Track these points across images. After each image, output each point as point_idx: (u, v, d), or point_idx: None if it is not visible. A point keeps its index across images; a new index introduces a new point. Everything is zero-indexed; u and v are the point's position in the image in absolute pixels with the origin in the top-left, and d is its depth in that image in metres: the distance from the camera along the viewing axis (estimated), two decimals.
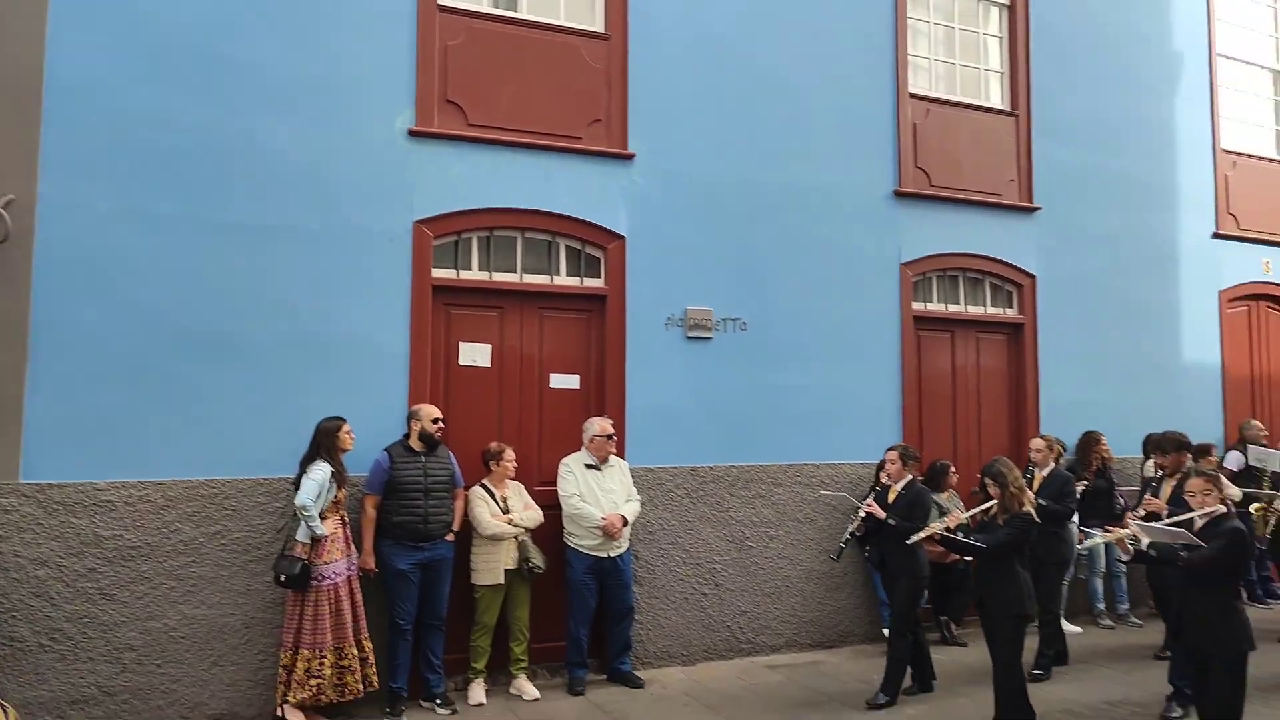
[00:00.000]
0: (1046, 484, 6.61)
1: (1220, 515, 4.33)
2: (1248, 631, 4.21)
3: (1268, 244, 9.43)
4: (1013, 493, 5.13)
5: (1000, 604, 5.06)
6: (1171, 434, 6.25)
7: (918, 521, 5.64)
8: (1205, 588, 4.26)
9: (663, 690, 5.99)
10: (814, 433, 7.13)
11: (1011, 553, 5.09)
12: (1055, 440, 7.02)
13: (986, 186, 7.99)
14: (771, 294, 7.06)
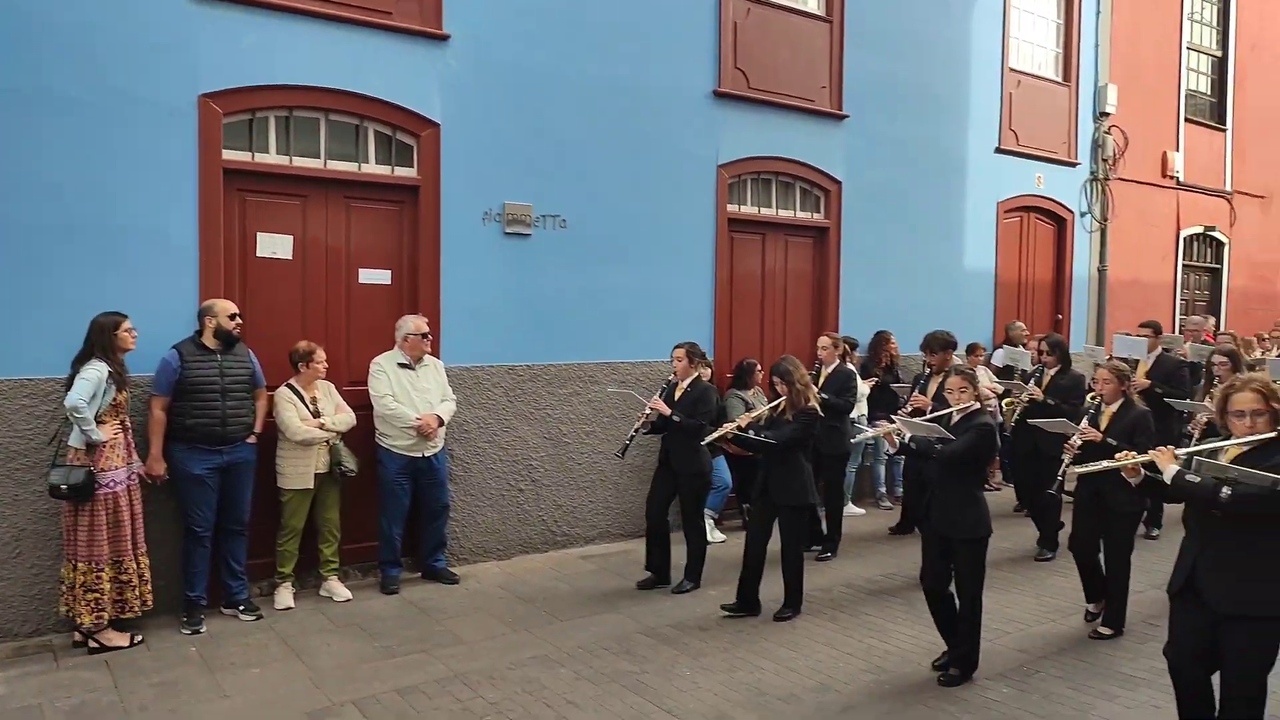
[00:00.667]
0: (830, 380, 6.93)
1: (974, 411, 4.60)
2: (987, 519, 4.52)
3: (1041, 160, 10.29)
4: (799, 390, 5.35)
5: (785, 495, 5.34)
6: (939, 334, 6.65)
7: (702, 419, 5.79)
8: (954, 477, 4.53)
9: (478, 585, 6.07)
10: (630, 331, 7.23)
11: (798, 447, 5.36)
12: (841, 338, 7.33)
13: (801, 92, 8.18)
14: (592, 191, 6.97)
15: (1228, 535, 3.30)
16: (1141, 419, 5.12)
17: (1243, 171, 12.85)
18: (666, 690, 4.40)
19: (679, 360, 6.00)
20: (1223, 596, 3.26)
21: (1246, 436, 3.33)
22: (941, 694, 4.37)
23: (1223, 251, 12.80)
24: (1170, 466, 3.39)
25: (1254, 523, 3.25)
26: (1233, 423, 3.38)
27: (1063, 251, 10.71)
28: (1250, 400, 3.33)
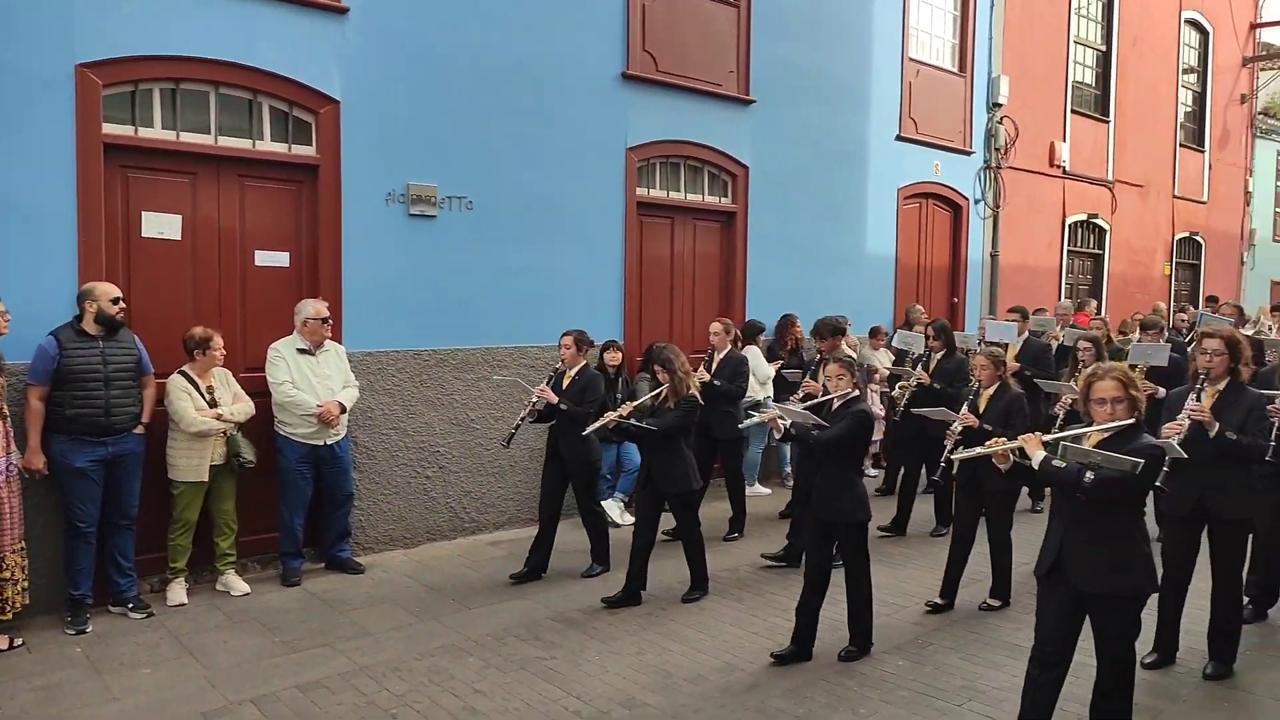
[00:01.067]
0: (723, 365, 6.94)
1: (852, 398, 4.69)
2: (865, 502, 4.63)
3: (938, 148, 10.62)
4: (680, 377, 5.33)
5: (668, 482, 5.35)
6: (828, 319, 6.70)
7: (589, 407, 5.75)
8: (833, 463, 4.61)
9: (384, 574, 5.97)
10: (539, 315, 7.17)
11: (680, 434, 5.36)
12: (732, 324, 7.34)
13: (709, 76, 8.22)
14: (499, 173, 6.87)
15: (1091, 518, 3.41)
16: (1016, 402, 5.29)
17: (1123, 161, 13.56)
18: (575, 675, 4.42)
19: (567, 348, 5.93)
20: (1089, 578, 3.38)
21: (1108, 423, 3.44)
22: (842, 669, 4.52)
23: (1104, 238, 13.49)
24: (1038, 452, 3.48)
25: (1116, 506, 3.38)
26: (1095, 410, 3.49)
27: (959, 237, 11.11)
28: (1111, 388, 3.44)
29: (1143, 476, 3.24)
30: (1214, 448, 4.25)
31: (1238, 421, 4.29)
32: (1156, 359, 6.57)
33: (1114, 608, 3.39)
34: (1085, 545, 3.41)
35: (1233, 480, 4.32)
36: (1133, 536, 3.39)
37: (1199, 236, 15.52)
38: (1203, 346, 4.48)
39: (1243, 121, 16.43)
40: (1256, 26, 16.59)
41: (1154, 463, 3.33)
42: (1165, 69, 14.37)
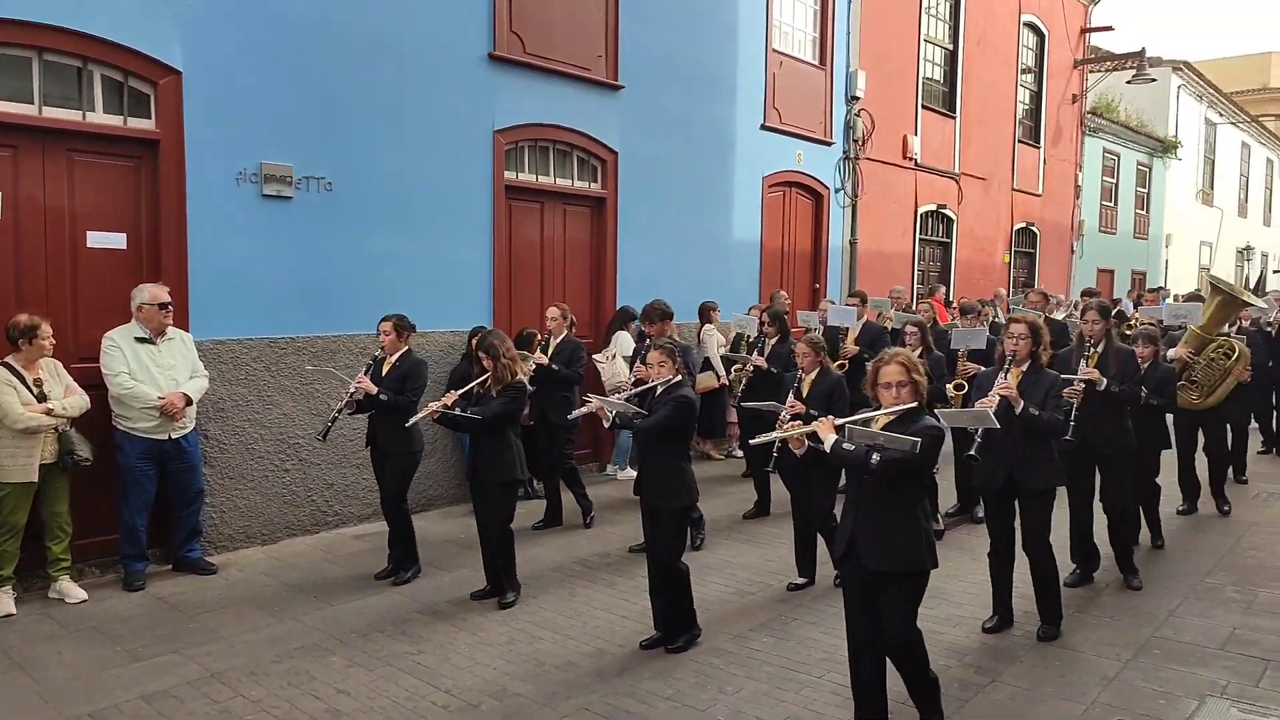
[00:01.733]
0: (559, 351, 6.86)
1: (675, 383, 4.60)
2: (692, 488, 4.58)
3: (800, 138, 10.95)
4: (504, 364, 5.13)
5: (493, 471, 5.15)
6: (656, 304, 6.60)
7: (412, 395, 5.51)
8: (658, 449, 4.55)
9: (239, 574, 5.69)
10: (405, 301, 6.92)
11: (505, 422, 5.16)
12: (568, 309, 7.17)
13: (577, 60, 8.16)
14: (360, 153, 6.61)
15: (879, 500, 3.55)
16: (836, 385, 5.45)
17: (968, 155, 14.37)
18: (444, 669, 4.35)
19: (386, 334, 5.61)
20: (875, 556, 3.52)
21: (893, 406, 3.57)
22: (711, 649, 4.62)
23: (952, 227, 14.28)
24: (829, 436, 3.58)
25: (900, 487, 3.53)
26: (881, 394, 3.62)
27: (820, 225, 11.50)
28: (895, 373, 3.57)
29: (922, 455, 3.38)
30: (1020, 423, 4.56)
31: (1039, 400, 4.60)
32: (975, 342, 7.00)
33: (894, 584, 3.52)
34: (873, 525, 3.55)
35: (1038, 454, 4.65)
36: (915, 516, 3.54)
37: (1035, 227, 16.65)
38: (1009, 331, 4.78)
39: (1074, 120, 17.71)
40: (1086, 31, 17.88)
41: (932, 442, 3.47)
42: (1005, 69, 15.29)
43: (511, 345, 5.32)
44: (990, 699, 4.08)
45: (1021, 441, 4.61)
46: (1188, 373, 6.95)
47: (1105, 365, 5.42)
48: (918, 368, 3.61)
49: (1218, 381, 6.89)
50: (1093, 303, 5.89)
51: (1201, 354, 6.96)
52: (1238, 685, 4.20)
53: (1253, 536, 6.68)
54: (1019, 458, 4.64)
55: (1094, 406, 5.33)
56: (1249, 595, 5.41)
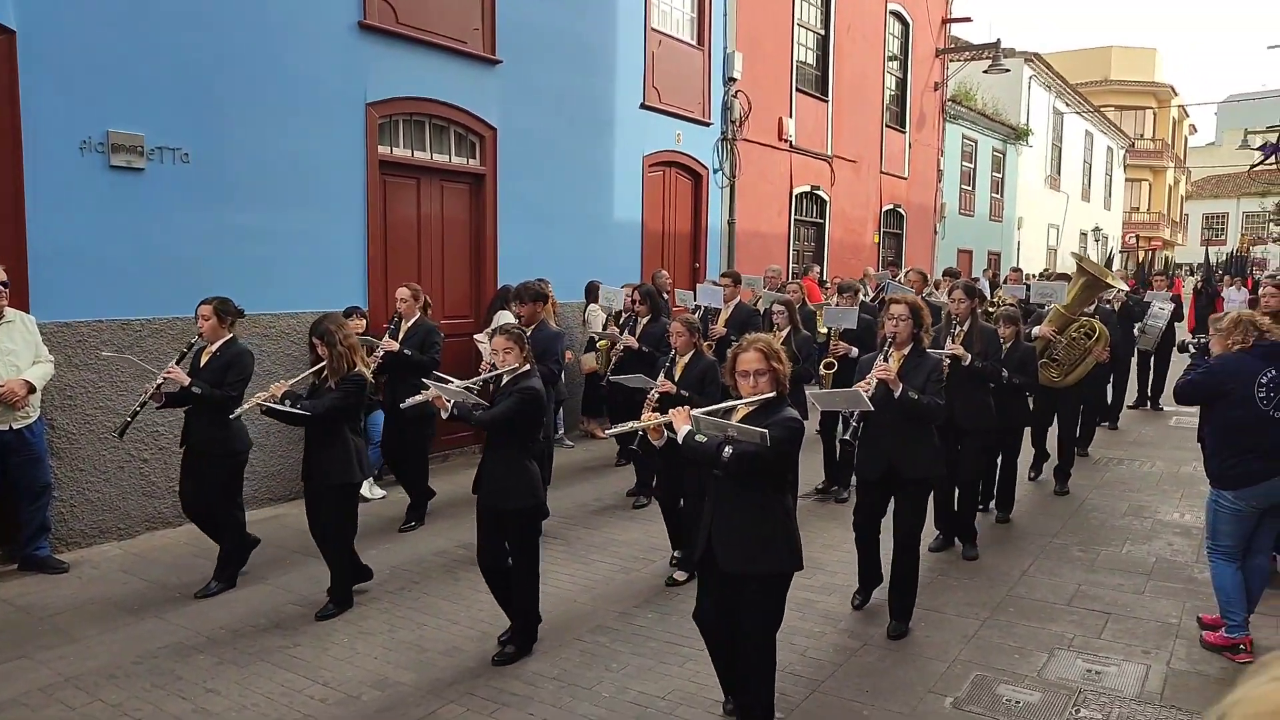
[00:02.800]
0: (411, 334, 6.37)
1: (522, 373, 4.25)
2: (538, 486, 4.27)
3: (680, 118, 11.04)
4: (341, 352, 4.66)
5: (327, 473, 4.69)
6: (530, 284, 6.20)
7: (233, 388, 4.97)
8: (500, 444, 4.23)
9: (94, 571, 5.34)
10: (273, 280, 6.66)
11: (341, 418, 4.70)
12: (420, 289, 6.68)
13: (453, 32, 7.94)
14: (221, 124, 6.24)
15: (735, 497, 3.32)
16: (710, 369, 5.19)
17: (840, 138, 14.83)
18: (322, 661, 4.22)
19: (205, 319, 5.02)
20: (732, 559, 3.30)
21: (751, 396, 3.33)
22: (597, 628, 4.66)
23: (825, 208, 14.74)
24: (684, 427, 3.33)
25: (756, 482, 3.28)
26: (739, 383, 3.38)
27: (699, 205, 11.65)
28: (754, 360, 3.32)
29: (776, 449, 3.17)
30: (900, 409, 4.41)
31: (919, 383, 4.48)
32: (847, 322, 7.12)
33: (753, 588, 3.31)
34: (730, 524, 3.33)
35: (918, 442, 4.53)
36: (775, 513, 3.33)
37: (901, 209, 17.38)
38: (890, 313, 4.63)
39: (936, 107, 18.54)
40: (948, 21, 18.72)
41: (789, 434, 3.24)
42: (873, 55, 15.83)
43: (351, 332, 4.83)
44: (862, 661, 4.28)
45: (901, 428, 4.48)
46: (1049, 351, 7.19)
47: (970, 343, 5.60)
48: (778, 355, 3.38)
49: (1078, 360, 7.19)
50: (959, 282, 6.08)
51: (1064, 333, 7.23)
52: (1082, 638, 4.54)
53: (1095, 499, 7.23)
54: (899, 445, 4.51)
55: (958, 383, 5.48)
56: (1092, 554, 5.86)
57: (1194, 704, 3.83)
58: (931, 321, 4.96)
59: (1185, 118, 42.79)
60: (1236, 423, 4.21)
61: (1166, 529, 6.40)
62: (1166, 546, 6.00)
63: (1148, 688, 4.00)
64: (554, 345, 6.26)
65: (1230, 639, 4.30)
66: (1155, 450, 9.07)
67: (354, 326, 6.68)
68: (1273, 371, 4.16)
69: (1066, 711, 3.78)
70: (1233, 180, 42.16)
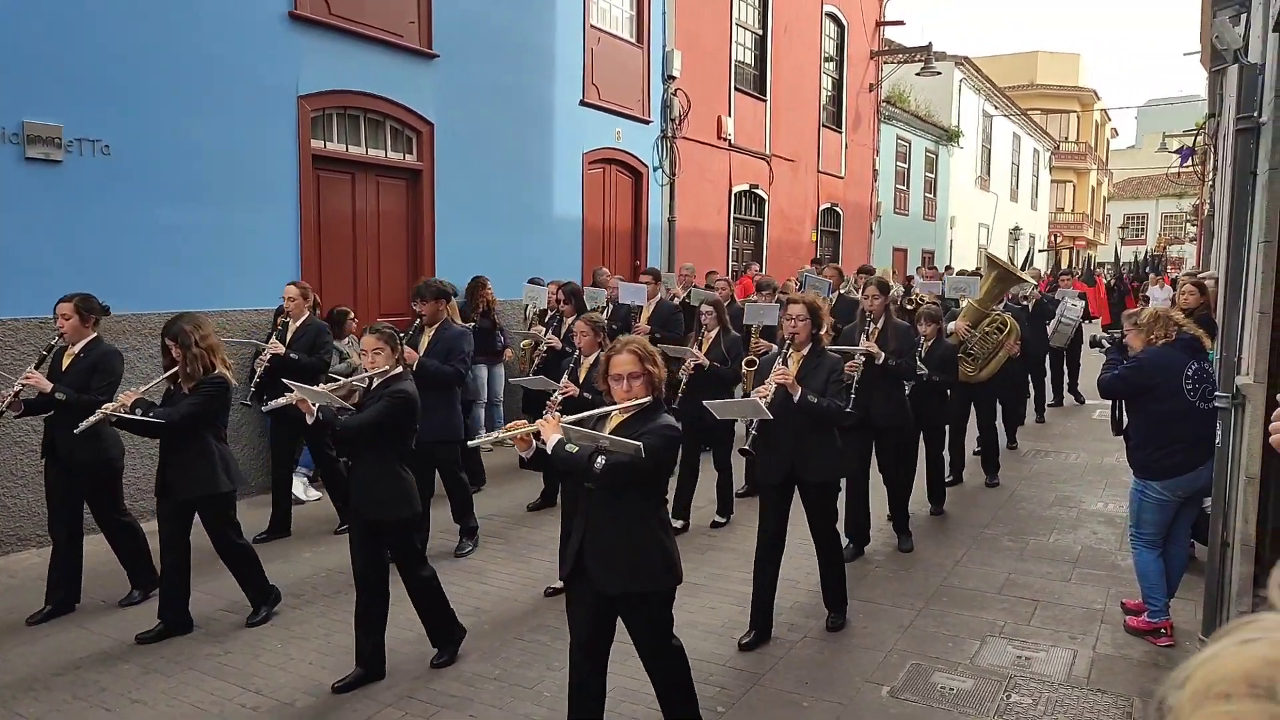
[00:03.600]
0: (299, 335, 6.01)
1: (394, 375, 4.01)
2: (411, 496, 4.00)
3: (619, 115, 11.04)
4: (197, 354, 4.32)
5: (186, 485, 4.35)
6: (432, 282, 5.86)
7: (100, 393, 4.51)
8: (371, 452, 3.94)
9: (10, 580, 5.12)
10: (202, 277, 6.47)
11: (200, 425, 4.35)
12: (309, 288, 6.32)
13: (388, 25, 7.81)
14: (145, 115, 6.04)
15: (609, 511, 3.09)
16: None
17: (778, 137, 14.99)
18: (254, 668, 4.11)
19: (65, 318, 4.61)
20: (608, 577, 3.06)
21: (626, 402, 3.10)
22: (538, 626, 4.63)
23: (764, 207, 14.89)
24: (554, 436, 3.08)
25: (630, 495, 3.06)
26: (612, 387, 3.14)
27: (640, 202, 11.67)
28: (627, 363, 3.09)
29: (652, 459, 2.98)
30: (800, 413, 4.27)
31: (819, 385, 4.33)
32: (768, 319, 7.07)
33: (638, 606, 3.12)
34: (604, 541, 3.08)
35: (820, 446, 4.39)
36: (651, 528, 3.11)
37: (838, 208, 17.65)
38: (787, 313, 4.45)
39: (871, 108, 18.87)
40: (882, 24, 19.06)
41: (665, 444, 3.05)
42: (810, 56, 16.04)
43: (210, 332, 4.45)
44: (801, 654, 4.33)
45: (803, 432, 4.34)
46: (965, 346, 7.27)
47: (885, 340, 5.51)
48: (653, 357, 3.17)
49: (991, 354, 7.29)
50: (872, 279, 5.99)
51: (978, 328, 7.35)
52: (1013, 625, 4.67)
53: (1024, 490, 7.45)
54: (800, 450, 4.36)
55: (873, 381, 5.39)
56: (1021, 543, 6.03)
57: (1119, 687, 3.97)
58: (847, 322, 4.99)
59: (1108, 121, 44.35)
60: (1164, 415, 4.36)
61: (1091, 518, 6.62)
62: (1091, 535, 6.20)
63: (1075, 672, 4.13)
64: (459, 344, 5.79)
65: (1152, 623, 4.47)
66: (1079, 442, 9.38)
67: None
68: (1195, 364, 4.33)
69: (998, 698, 3.88)
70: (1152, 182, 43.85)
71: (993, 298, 7.59)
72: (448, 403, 5.65)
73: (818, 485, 4.45)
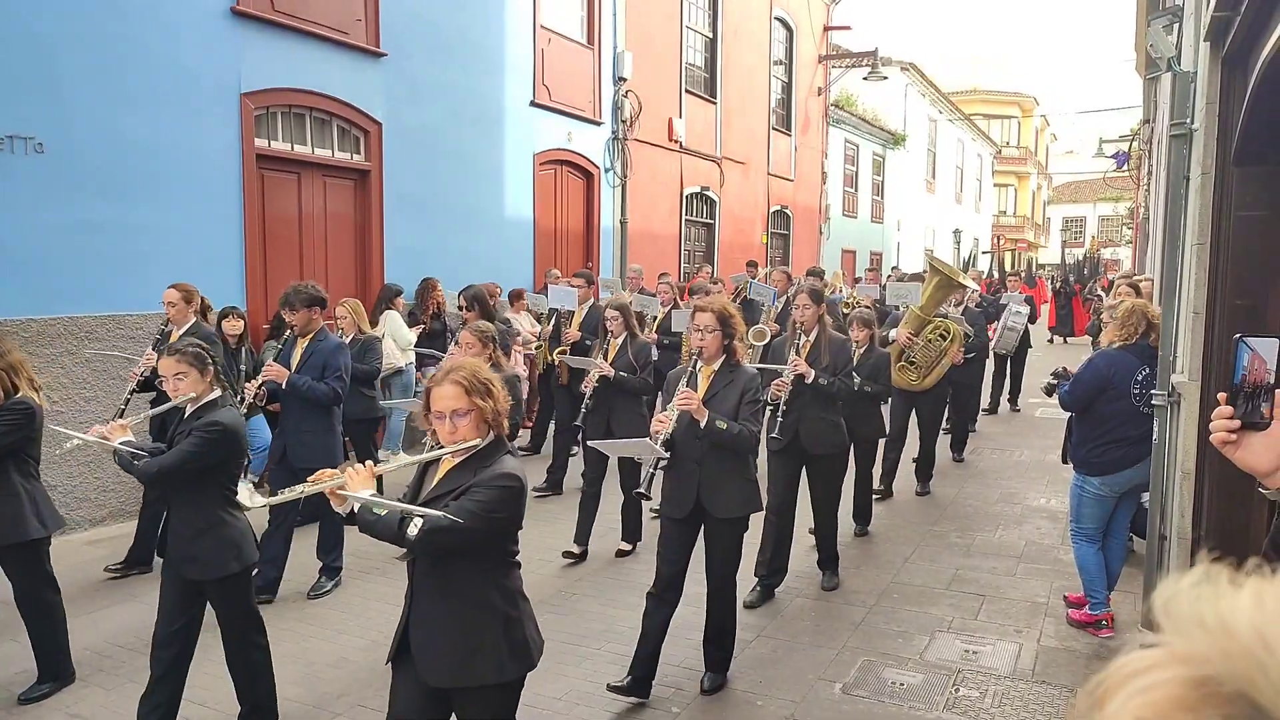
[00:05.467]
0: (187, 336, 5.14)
1: (206, 404, 3.41)
2: (238, 549, 3.41)
3: (570, 116, 11.01)
4: None
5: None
6: (302, 288, 5.14)
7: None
8: (183, 494, 3.41)
9: None
10: (140, 278, 6.29)
11: (6, 458, 3.76)
12: (194, 290, 5.64)
13: (334, 23, 7.69)
14: (80, 112, 5.86)
15: (437, 582, 2.53)
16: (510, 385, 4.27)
17: (728, 140, 15.10)
18: (198, 680, 3.97)
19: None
20: (435, 667, 2.52)
21: (452, 444, 2.51)
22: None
23: (715, 209, 14.98)
24: (361, 491, 2.48)
25: (462, 565, 2.49)
26: (436, 426, 2.55)
27: (591, 204, 11.65)
28: (449, 397, 2.50)
29: (480, 519, 2.41)
30: (708, 441, 3.74)
31: (731, 406, 3.77)
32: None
33: (473, 699, 2.55)
34: (431, 622, 2.53)
35: (730, 475, 3.82)
36: (490, 604, 2.53)
37: (788, 210, 17.84)
38: (695, 323, 3.86)
39: (820, 111, 19.11)
40: (829, 29, 19.31)
41: (500, 498, 2.45)
42: (759, 59, 16.19)
43: (10, 349, 3.82)
44: (756, 653, 4.36)
45: (710, 459, 3.78)
46: (907, 353, 6.98)
47: (817, 356, 4.92)
48: (486, 387, 2.55)
49: (934, 362, 6.98)
50: (803, 285, 5.27)
51: (920, 335, 7.02)
52: (960, 620, 4.76)
53: (971, 487, 7.60)
54: (708, 480, 3.80)
55: (803, 401, 4.87)
56: (968, 539, 6.15)
57: (1063, 678, 4.07)
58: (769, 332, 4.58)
59: (1047, 126, 45.52)
60: (1108, 415, 4.46)
61: (1035, 514, 6.78)
62: (1035, 530, 6.35)
63: (1020, 665, 4.22)
64: (335, 359, 5.08)
65: (1094, 615, 4.59)
66: (1023, 439, 9.60)
67: (231, 327, 6.38)
68: (1147, 370, 4.44)
69: (947, 691, 3.95)
70: (1089, 186, 45.15)
71: (935, 304, 7.22)
72: (325, 426, 5.09)
73: (727, 520, 3.85)
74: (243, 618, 3.52)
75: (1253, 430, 1.52)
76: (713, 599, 3.99)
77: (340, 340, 5.40)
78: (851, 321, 5.96)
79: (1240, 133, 3.41)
